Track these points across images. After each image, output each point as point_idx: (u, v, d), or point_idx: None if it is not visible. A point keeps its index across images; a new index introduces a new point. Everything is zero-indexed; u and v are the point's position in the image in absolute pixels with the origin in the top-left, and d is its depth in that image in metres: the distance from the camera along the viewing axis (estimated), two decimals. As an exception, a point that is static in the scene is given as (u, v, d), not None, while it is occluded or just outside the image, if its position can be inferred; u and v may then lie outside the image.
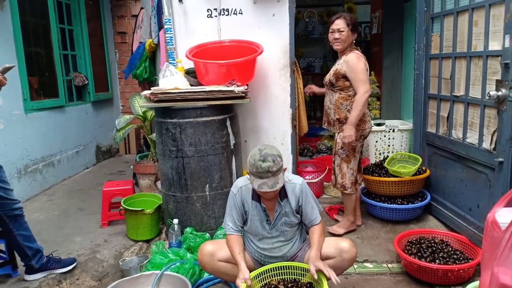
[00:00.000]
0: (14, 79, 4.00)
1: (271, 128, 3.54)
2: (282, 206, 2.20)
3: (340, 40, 2.89)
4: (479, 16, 2.58)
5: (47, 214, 3.82)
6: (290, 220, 2.23)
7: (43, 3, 4.55)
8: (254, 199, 2.22)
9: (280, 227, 2.24)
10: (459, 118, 2.89)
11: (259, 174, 2.01)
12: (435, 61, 3.19)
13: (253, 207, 2.22)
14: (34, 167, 4.32)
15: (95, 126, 5.73)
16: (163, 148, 2.97)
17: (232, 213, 2.26)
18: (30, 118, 4.27)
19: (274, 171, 2.00)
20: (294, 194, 2.19)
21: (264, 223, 2.24)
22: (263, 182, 2.01)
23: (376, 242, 3.05)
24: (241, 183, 2.27)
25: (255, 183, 2.04)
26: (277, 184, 2.02)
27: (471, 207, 2.80)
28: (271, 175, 2.00)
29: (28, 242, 2.52)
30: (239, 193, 2.24)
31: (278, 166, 2.02)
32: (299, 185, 2.20)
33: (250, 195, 2.22)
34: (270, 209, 2.22)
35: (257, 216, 2.23)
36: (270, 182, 2.01)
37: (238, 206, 2.24)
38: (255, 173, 2.03)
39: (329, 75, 3.01)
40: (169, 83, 2.91)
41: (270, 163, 1.99)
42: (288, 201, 2.20)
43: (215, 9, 3.36)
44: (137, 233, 3.16)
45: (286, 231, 2.25)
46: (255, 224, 2.25)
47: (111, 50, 6.30)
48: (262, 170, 1.99)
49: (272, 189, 2.01)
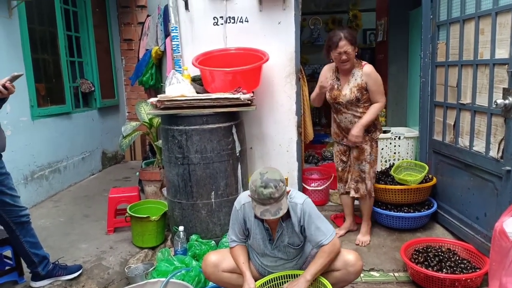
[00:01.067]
0: (22, 86, 4.04)
1: (276, 135, 3.54)
2: (283, 227, 2.12)
3: (349, 60, 2.87)
4: (486, 24, 2.58)
5: (53, 220, 3.83)
6: (293, 241, 2.15)
7: (51, 10, 4.60)
8: (256, 218, 2.13)
9: (282, 248, 2.17)
10: (465, 126, 2.88)
11: (261, 201, 1.93)
12: (441, 69, 3.18)
13: (255, 225, 2.16)
14: (40, 173, 4.35)
15: (101, 132, 5.76)
16: (169, 155, 2.98)
17: (235, 227, 2.24)
18: (37, 124, 4.30)
19: (277, 197, 1.92)
20: (296, 215, 2.09)
21: (266, 242, 2.17)
22: (266, 209, 1.93)
23: (383, 251, 3.03)
24: (244, 200, 2.18)
25: (257, 209, 1.95)
26: (280, 210, 1.93)
27: (478, 215, 2.78)
28: (274, 202, 1.92)
29: (35, 249, 2.53)
30: (241, 210, 2.18)
31: (280, 192, 1.93)
32: (300, 204, 2.08)
33: (253, 213, 2.12)
34: (273, 228, 2.15)
35: (260, 234, 2.17)
36: (272, 209, 1.93)
37: (240, 222, 2.20)
38: (257, 199, 1.94)
39: (352, 92, 2.91)
40: (175, 91, 2.92)
41: (272, 189, 1.90)
42: (291, 222, 2.10)
43: (221, 17, 3.38)
44: (142, 240, 3.17)
45: (289, 252, 2.19)
46: (257, 242, 2.19)
47: (117, 57, 6.35)
48: (264, 197, 1.90)
49: (274, 216, 1.93)
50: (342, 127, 3.08)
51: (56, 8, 4.65)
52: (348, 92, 2.94)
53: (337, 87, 3.00)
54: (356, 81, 2.93)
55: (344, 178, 3.22)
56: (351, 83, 2.94)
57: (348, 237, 3.24)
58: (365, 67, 2.92)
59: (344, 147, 3.14)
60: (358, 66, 2.94)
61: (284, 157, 3.55)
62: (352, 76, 2.95)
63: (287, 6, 3.35)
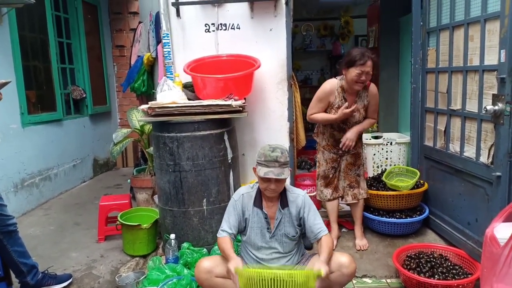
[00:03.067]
0: (12, 93, 4.01)
1: (268, 141, 3.46)
2: (283, 214, 2.23)
3: (364, 83, 2.81)
4: (475, 31, 2.60)
5: (43, 228, 3.79)
6: (289, 231, 2.24)
7: (42, 17, 4.58)
8: (256, 205, 2.24)
9: (279, 237, 2.25)
10: (456, 132, 2.89)
11: (267, 163, 2.10)
12: (431, 75, 3.20)
13: (254, 214, 2.25)
14: (30, 181, 4.30)
15: (92, 139, 5.72)
16: (160, 162, 2.96)
17: (230, 219, 2.27)
18: (28, 131, 4.26)
19: (282, 162, 2.10)
20: (296, 204, 2.24)
21: (264, 231, 2.25)
22: (270, 170, 2.09)
23: (375, 257, 3.02)
24: (244, 191, 2.32)
25: (261, 171, 2.10)
26: (283, 174, 2.09)
27: (469, 221, 2.79)
28: (278, 165, 2.09)
29: (23, 258, 2.49)
30: (240, 199, 2.28)
31: (285, 158, 2.12)
32: (302, 196, 2.27)
33: (252, 202, 2.25)
34: (271, 217, 2.24)
35: (258, 223, 2.25)
36: (276, 171, 2.09)
37: (237, 212, 2.26)
38: (263, 162, 2.11)
39: (360, 114, 2.92)
40: (166, 97, 2.92)
41: (278, 153, 2.10)
42: (289, 210, 2.24)
43: (212, 24, 3.39)
44: (133, 248, 3.13)
45: (285, 243, 2.26)
46: (254, 232, 2.26)
47: (109, 63, 6.32)
48: (271, 158, 2.09)
49: (278, 176, 2.07)
50: (338, 141, 3.01)
51: (47, 15, 4.62)
52: (357, 114, 2.92)
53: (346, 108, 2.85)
54: (363, 102, 2.94)
55: (334, 184, 3.16)
56: (358, 104, 2.91)
57: (340, 244, 3.23)
58: (371, 87, 2.93)
59: (335, 155, 3.10)
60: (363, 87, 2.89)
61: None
62: (359, 97, 2.92)
63: (278, 13, 3.36)
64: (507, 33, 2.27)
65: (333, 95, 2.91)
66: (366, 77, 2.75)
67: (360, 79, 2.74)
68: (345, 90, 2.90)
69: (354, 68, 2.73)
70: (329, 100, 2.91)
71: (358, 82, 2.77)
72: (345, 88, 2.89)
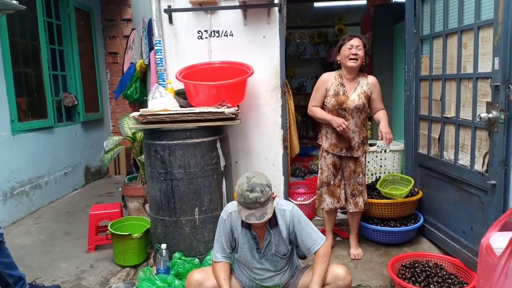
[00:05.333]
0: (2, 100, 3.96)
1: (262, 149, 3.50)
2: (271, 235, 2.13)
3: (359, 57, 2.83)
4: (468, 38, 2.59)
5: (32, 238, 3.72)
6: (280, 250, 2.15)
7: (34, 24, 4.53)
8: (244, 226, 2.15)
9: (270, 257, 2.17)
10: (450, 140, 2.87)
11: (247, 205, 1.96)
12: (425, 83, 3.20)
13: (242, 234, 2.16)
14: (20, 190, 4.23)
15: (84, 147, 5.66)
16: (151, 170, 2.91)
17: (221, 239, 2.20)
18: (18, 139, 4.19)
19: (262, 202, 1.94)
20: (285, 221, 2.12)
21: (254, 251, 2.17)
22: (251, 213, 1.95)
23: (370, 266, 2.98)
24: (231, 209, 2.20)
25: (242, 213, 1.98)
26: (265, 215, 1.96)
27: (464, 230, 2.77)
28: (259, 206, 1.95)
29: (9, 269, 2.43)
30: (228, 219, 2.18)
31: (266, 196, 1.96)
32: (289, 211, 2.12)
33: (240, 222, 2.14)
34: (260, 237, 2.15)
35: (247, 244, 2.17)
36: (258, 213, 1.95)
37: (227, 233, 2.18)
38: (242, 203, 1.97)
39: (360, 98, 2.90)
40: (158, 105, 2.87)
41: (258, 194, 1.93)
42: (279, 229, 2.12)
43: (205, 31, 3.36)
44: (124, 258, 3.07)
45: (276, 262, 2.18)
46: (244, 253, 2.18)
47: (102, 70, 6.28)
48: (250, 201, 1.93)
49: (259, 220, 1.95)
50: (342, 138, 2.96)
51: (39, 21, 4.58)
52: (356, 98, 2.91)
53: (343, 93, 2.91)
54: (362, 88, 2.95)
55: (336, 193, 3.08)
56: (357, 90, 2.93)
57: (334, 253, 3.18)
58: (369, 77, 3.01)
59: (337, 159, 3.03)
60: (362, 76, 2.98)
61: (270, 171, 3.50)
62: (358, 83, 2.95)
63: (271, 21, 3.34)
64: (500, 40, 2.26)
65: (329, 81, 2.97)
66: (358, 52, 2.82)
67: (352, 53, 2.82)
68: (343, 77, 2.96)
69: (344, 46, 2.87)
70: (326, 87, 2.97)
71: (352, 58, 2.84)
72: (343, 75, 2.96)
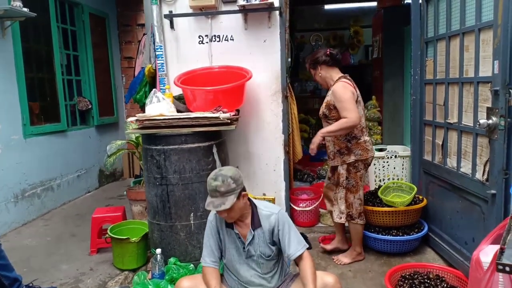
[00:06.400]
0: (14, 105, 4.07)
1: (263, 154, 3.47)
2: (254, 235, 2.11)
3: (317, 80, 3.02)
4: (470, 40, 2.49)
5: (40, 239, 3.80)
6: (265, 251, 2.14)
7: (47, 30, 4.65)
8: (227, 227, 2.16)
9: (256, 258, 2.16)
10: (453, 146, 2.76)
11: (210, 193, 2.01)
12: (429, 87, 3.09)
13: (228, 234, 2.17)
14: (32, 192, 4.33)
15: (98, 150, 5.75)
16: (148, 175, 2.93)
17: (210, 242, 2.20)
18: (30, 143, 4.30)
19: (222, 192, 1.97)
20: (269, 223, 2.11)
21: (240, 251, 2.16)
22: (211, 201, 2.00)
23: (369, 276, 2.90)
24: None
25: (206, 201, 2.04)
26: (223, 205, 1.97)
27: (466, 240, 2.65)
28: (219, 195, 1.97)
29: (5, 271, 2.48)
30: (214, 220, 2.19)
31: (226, 187, 1.97)
32: (275, 214, 2.11)
33: (224, 223, 2.16)
34: (244, 236, 2.15)
35: (233, 244, 2.17)
36: (216, 202, 1.98)
37: (214, 234, 2.19)
38: (208, 191, 2.04)
39: (322, 107, 2.97)
40: (155, 110, 2.89)
41: (219, 183, 1.97)
42: (262, 231, 2.11)
43: (206, 36, 3.37)
44: (123, 262, 3.09)
45: (262, 264, 2.16)
46: (231, 253, 2.18)
47: (117, 74, 6.39)
48: (211, 188, 1.99)
49: (216, 208, 1.98)
50: (325, 144, 3.04)
51: (52, 27, 4.69)
52: (322, 106, 2.99)
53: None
54: (327, 97, 2.94)
55: (329, 196, 3.16)
56: (325, 98, 2.97)
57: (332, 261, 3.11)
58: (335, 84, 2.86)
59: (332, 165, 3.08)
60: (334, 83, 2.89)
61: (271, 176, 3.47)
62: (329, 92, 2.96)
63: (272, 24, 3.31)
64: (500, 43, 2.15)
65: None
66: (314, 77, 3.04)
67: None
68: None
69: None
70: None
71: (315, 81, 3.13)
72: None
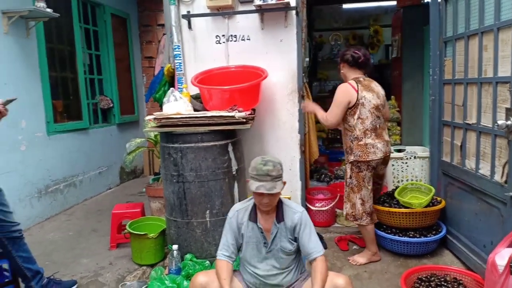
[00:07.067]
0: (38, 103, 4.20)
1: (278, 153, 3.47)
2: (278, 228, 2.16)
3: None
4: (489, 40, 2.44)
5: (62, 234, 3.91)
6: (285, 245, 2.17)
7: (70, 30, 4.78)
8: (250, 220, 2.19)
9: (276, 252, 2.19)
10: (471, 147, 2.71)
11: (259, 177, 2.04)
12: (448, 87, 3.04)
13: (249, 228, 2.20)
14: (55, 187, 4.46)
15: (119, 147, 5.84)
16: (165, 172, 2.98)
17: (227, 237, 2.23)
18: (53, 139, 4.43)
19: (274, 176, 2.03)
20: (292, 220, 2.16)
21: (260, 246, 2.19)
22: (261, 184, 2.03)
23: (385, 277, 2.88)
24: (238, 207, 2.27)
25: (253, 186, 2.05)
26: (274, 188, 2.03)
27: (485, 243, 2.60)
28: (270, 179, 2.03)
29: (28, 263, 2.57)
30: (235, 216, 2.23)
31: (277, 172, 2.05)
32: (299, 212, 2.18)
33: (247, 217, 2.21)
34: (267, 230, 2.18)
35: (253, 238, 2.19)
36: (268, 185, 2.02)
37: (233, 229, 2.22)
38: (255, 176, 2.06)
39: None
40: (172, 108, 2.94)
41: (270, 167, 2.03)
42: (285, 225, 2.17)
43: (223, 35, 3.40)
44: (141, 257, 3.16)
45: (281, 259, 2.19)
46: (250, 247, 2.21)
47: (138, 74, 6.51)
48: (262, 172, 2.03)
49: (269, 191, 2.01)
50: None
51: (75, 27, 4.82)
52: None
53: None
54: None
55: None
56: None
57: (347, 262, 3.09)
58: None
59: None
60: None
61: (287, 176, 3.40)
62: None
63: (289, 24, 3.32)
64: (520, 42, 2.11)
65: None
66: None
67: None
68: None
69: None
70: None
71: None
72: None
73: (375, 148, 2.91)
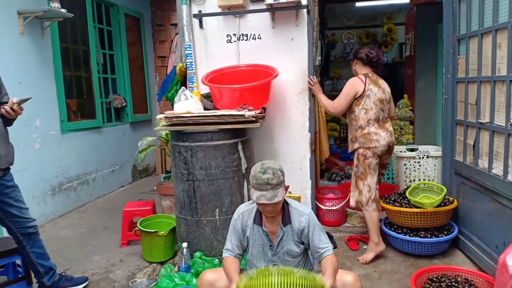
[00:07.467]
0: (52, 101, 4.27)
1: (289, 152, 3.48)
2: (284, 231, 2.13)
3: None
4: (503, 38, 2.39)
5: (74, 231, 3.97)
6: (292, 248, 2.15)
7: (84, 30, 4.85)
8: (256, 223, 2.17)
9: (282, 255, 2.17)
10: (484, 147, 2.67)
11: (259, 186, 2.00)
12: (461, 85, 3.00)
13: (254, 231, 2.18)
14: (68, 185, 4.53)
15: (132, 146, 5.90)
16: (175, 171, 3.00)
17: (232, 239, 2.22)
18: (67, 138, 4.50)
19: (274, 184, 1.99)
20: (299, 223, 2.12)
21: (266, 249, 2.18)
22: (262, 194, 1.99)
23: (395, 278, 2.85)
24: (243, 209, 2.24)
25: (254, 195, 2.02)
26: (276, 197, 1.99)
27: (497, 244, 2.56)
28: (270, 188, 1.99)
29: (41, 259, 2.61)
30: (239, 218, 2.21)
31: (277, 179, 2.00)
32: (306, 215, 2.13)
33: (251, 219, 2.18)
34: (272, 233, 2.16)
35: (259, 241, 2.18)
36: (268, 194, 1.98)
37: (237, 232, 2.20)
38: (255, 185, 2.02)
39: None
40: (182, 107, 2.96)
41: (269, 175, 1.99)
42: (292, 228, 2.13)
43: (234, 34, 3.41)
44: (151, 255, 3.19)
45: (287, 261, 2.17)
46: (256, 250, 2.19)
47: (151, 73, 6.56)
48: (262, 181, 1.99)
49: (270, 201, 1.97)
50: None
51: (89, 27, 4.89)
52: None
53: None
54: None
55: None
56: None
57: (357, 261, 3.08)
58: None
59: None
60: None
61: (297, 174, 3.47)
62: None
63: (300, 23, 3.31)
64: (533, 39, 2.06)
65: None
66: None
67: None
68: None
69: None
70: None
71: None
72: None
73: (378, 136, 3.00)
